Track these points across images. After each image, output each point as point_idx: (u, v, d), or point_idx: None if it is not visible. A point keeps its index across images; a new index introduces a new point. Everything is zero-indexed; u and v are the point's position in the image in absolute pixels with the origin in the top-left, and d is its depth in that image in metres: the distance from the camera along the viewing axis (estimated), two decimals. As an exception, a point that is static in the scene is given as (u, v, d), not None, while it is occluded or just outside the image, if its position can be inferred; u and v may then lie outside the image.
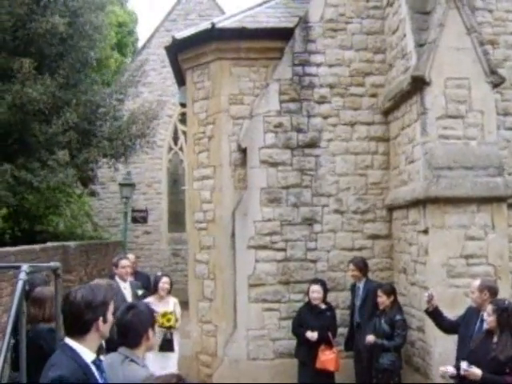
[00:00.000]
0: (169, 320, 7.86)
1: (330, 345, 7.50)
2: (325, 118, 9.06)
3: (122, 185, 18.37)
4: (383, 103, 8.94)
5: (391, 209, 8.92)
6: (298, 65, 9.07)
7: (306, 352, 7.65)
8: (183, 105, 11.01)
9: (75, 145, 13.57)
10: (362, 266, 8.00)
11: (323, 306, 7.74)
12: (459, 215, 7.26)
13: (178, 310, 8.29)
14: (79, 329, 3.11)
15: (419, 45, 7.76)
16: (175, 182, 21.38)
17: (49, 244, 12.06)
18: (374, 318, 7.36)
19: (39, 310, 5.14)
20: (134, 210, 20.11)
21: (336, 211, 8.98)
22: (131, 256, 9.96)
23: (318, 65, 9.08)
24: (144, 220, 20.42)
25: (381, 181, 9.05)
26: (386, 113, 9.01)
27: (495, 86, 7.70)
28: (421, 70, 7.52)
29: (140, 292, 8.14)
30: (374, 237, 8.99)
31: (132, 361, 3.50)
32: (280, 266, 8.87)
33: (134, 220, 20.26)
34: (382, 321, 7.21)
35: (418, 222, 7.63)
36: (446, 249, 7.21)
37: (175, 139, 21.48)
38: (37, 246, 11.00)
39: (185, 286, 19.02)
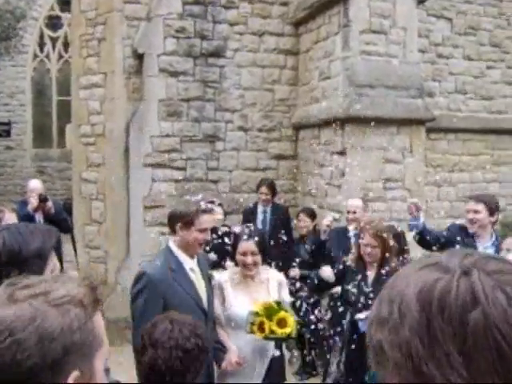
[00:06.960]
0: (283, 322, 3.66)
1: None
2: (231, 25, 8.22)
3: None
4: (295, 13, 8.24)
5: (298, 128, 8.40)
6: (205, -38, 8.07)
7: None
8: (67, 2, 9.61)
9: None
10: (274, 188, 7.47)
11: None
12: (379, 136, 6.89)
13: (286, 293, 4.10)
14: None
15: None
16: (41, 92, 19.44)
17: None
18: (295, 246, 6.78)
19: None
20: (-6, 123, 18.11)
21: (240, 128, 8.32)
22: (37, 183, 7.16)
23: (226, -36, 8.15)
24: (7, 134, 18.45)
25: (288, 97, 8.47)
26: (298, 24, 8.33)
27: (420, 2, 7.27)
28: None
29: (216, 275, 4.11)
30: (279, 157, 8.48)
31: None
32: (179, 187, 8.11)
33: (-5, 133, 18.28)
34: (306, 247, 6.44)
35: (334, 142, 7.17)
36: (364, 171, 6.84)
37: (41, 46, 19.36)
38: None
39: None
